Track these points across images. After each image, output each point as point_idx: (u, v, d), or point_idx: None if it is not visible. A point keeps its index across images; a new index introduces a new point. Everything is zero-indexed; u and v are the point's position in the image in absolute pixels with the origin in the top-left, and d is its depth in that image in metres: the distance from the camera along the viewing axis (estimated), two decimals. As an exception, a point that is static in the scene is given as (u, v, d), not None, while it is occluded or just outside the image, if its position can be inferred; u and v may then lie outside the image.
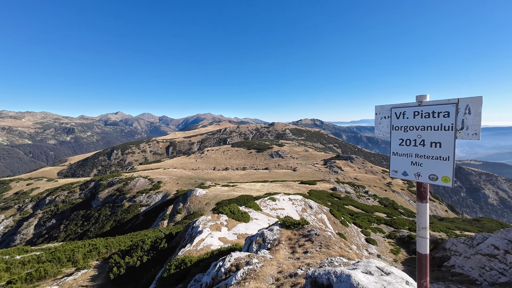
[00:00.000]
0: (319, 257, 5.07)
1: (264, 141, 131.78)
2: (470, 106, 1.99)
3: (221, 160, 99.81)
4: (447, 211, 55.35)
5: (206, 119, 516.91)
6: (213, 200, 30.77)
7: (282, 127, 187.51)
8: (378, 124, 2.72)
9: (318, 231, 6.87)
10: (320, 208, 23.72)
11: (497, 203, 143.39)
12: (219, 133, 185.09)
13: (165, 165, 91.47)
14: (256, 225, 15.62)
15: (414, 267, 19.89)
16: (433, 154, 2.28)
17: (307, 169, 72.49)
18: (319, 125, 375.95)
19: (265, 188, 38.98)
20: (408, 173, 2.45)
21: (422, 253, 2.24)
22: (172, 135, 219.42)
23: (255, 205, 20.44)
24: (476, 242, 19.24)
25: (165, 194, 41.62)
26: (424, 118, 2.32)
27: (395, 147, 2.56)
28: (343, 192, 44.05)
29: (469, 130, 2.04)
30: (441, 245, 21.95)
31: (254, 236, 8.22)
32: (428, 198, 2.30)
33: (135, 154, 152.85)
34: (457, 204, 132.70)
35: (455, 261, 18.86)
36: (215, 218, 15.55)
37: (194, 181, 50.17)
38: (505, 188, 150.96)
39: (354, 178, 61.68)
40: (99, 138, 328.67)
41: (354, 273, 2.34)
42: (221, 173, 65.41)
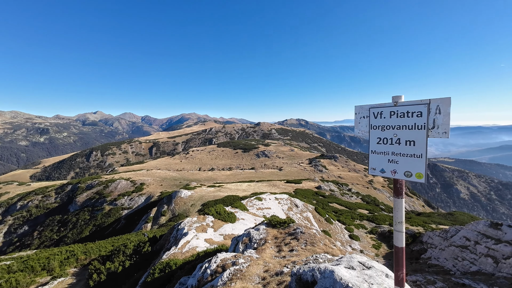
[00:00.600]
0: (305, 254, 5.15)
1: (250, 141, 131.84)
2: (440, 106, 2.13)
3: (206, 161, 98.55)
4: (424, 206, 58.41)
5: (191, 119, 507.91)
6: (199, 201, 30.31)
7: (268, 127, 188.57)
8: (357, 123, 2.83)
9: (303, 229, 6.98)
10: (305, 206, 24.12)
11: (468, 197, 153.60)
12: (205, 133, 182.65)
13: (149, 166, 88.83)
14: (243, 225, 15.59)
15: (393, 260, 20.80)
16: (407, 152, 2.40)
17: (292, 168, 73.44)
18: (304, 125, 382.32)
19: (252, 188, 39.01)
20: (386, 170, 2.57)
21: (398, 246, 2.35)
22: (156, 135, 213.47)
23: (241, 205, 20.39)
24: (450, 234, 20.47)
25: (148, 196, 40.39)
26: (400, 118, 2.44)
27: (374, 146, 2.67)
28: (328, 190, 45.11)
29: (439, 129, 2.18)
30: (419, 238, 23.12)
31: (241, 236, 8.20)
32: (404, 194, 2.42)
33: (116, 156, 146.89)
34: (433, 199, 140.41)
35: (431, 253, 19.96)
36: (200, 219, 15.33)
37: (179, 182, 49.13)
38: (475, 184, 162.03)
39: (338, 177, 63.36)
40: (76, 139, 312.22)
41: (337, 268, 2.41)
42: (207, 174, 64.60)
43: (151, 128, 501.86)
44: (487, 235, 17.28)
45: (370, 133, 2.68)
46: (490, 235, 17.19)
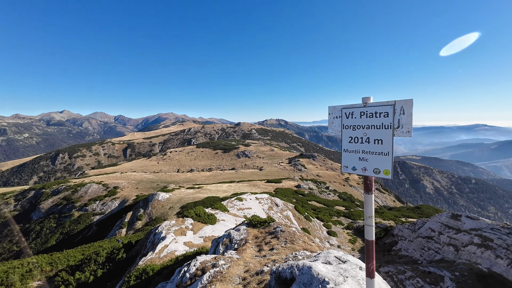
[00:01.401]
0: (285, 252, 5.23)
1: (230, 141, 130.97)
2: (403, 107, 2.30)
3: (185, 162, 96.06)
4: (394, 201, 62.35)
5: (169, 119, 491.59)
6: (178, 203, 29.43)
7: (248, 127, 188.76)
8: (331, 123, 2.95)
9: (283, 227, 7.09)
10: (285, 205, 24.52)
11: (433, 192, 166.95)
12: (183, 134, 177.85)
13: (123, 169, 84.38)
14: (223, 226, 15.44)
15: (369, 253, 21.94)
16: (376, 150, 2.55)
17: (273, 168, 74.28)
18: (283, 125, 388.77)
19: (232, 189, 38.78)
20: (357, 168, 2.71)
21: (369, 239, 2.49)
22: (131, 136, 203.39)
23: (222, 206, 20.18)
24: (417, 227, 22.06)
25: (123, 200, 38.35)
26: (369, 118, 2.58)
27: (346, 145, 2.80)
28: (307, 188, 46.30)
29: (403, 129, 2.35)
30: (390, 231, 24.61)
31: (221, 238, 8.11)
32: (373, 190, 2.56)
33: (86, 158, 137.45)
34: (402, 194, 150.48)
35: (401, 245, 21.35)
36: (179, 222, 14.90)
37: (156, 185, 47.31)
38: (438, 179, 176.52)
39: (316, 175, 65.29)
40: (40, 140, 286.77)
41: (315, 264, 2.48)
42: (185, 175, 62.95)
43: (125, 129, 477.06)
44: (449, 226, 18.89)
45: (343, 133, 2.81)
46: (451, 225, 18.80)
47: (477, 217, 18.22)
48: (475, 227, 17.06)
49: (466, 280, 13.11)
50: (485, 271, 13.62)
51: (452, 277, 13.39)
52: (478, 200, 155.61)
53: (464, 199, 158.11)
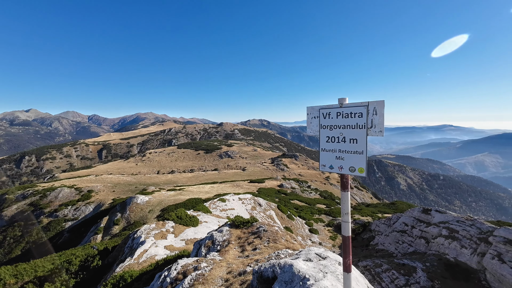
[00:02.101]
0: (268, 252, 5.26)
1: (212, 141, 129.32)
2: (376, 108, 2.42)
3: (166, 163, 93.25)
4: (372, 198, 65.36)
5: (148, 119, 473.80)
6: (158, 206, 28.47)
7: (230, 127, 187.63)
8: (309, 123, 3.03)
9: (266, 227, 7.12)
10: (268, 205, 24.70)
11: (406, 188, 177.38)
12: (163, 134, 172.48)
13: (98, 171, 79.95)
14: (206, 228, 15.20)
15: (348, 249, 22.77)
16: (351, 149, 2.66)
17: (256, 168, 74.50)
18: (266, 125, 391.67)
19: (215, 190, 38.31)
20: (334, 166, 2.80)
21: (345, 235, 2.59)
22: (106, 137, 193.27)
23: (204, 207, 19.86)
24: (392, 222, 23.27)
25: (98, 204, 36.31)
26: (344, 118, 2.69)
27: (323, 144, 2.88)
28: (289, 188, 47.01)
29: (376, 128, 2.47)
30: (368, 227, 25.73)
31: (203, 240, 7.97)
32: (349, 187, 2.67)
33: (56, 160, 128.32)
34: (379, 191, 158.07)
35: (378, 239, 22.41)
36: (160, 225, 14.43)
37: (135, 188, 45.40)
38: (411, 176, 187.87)
39: (298, 174, 66.53)
40: (2, 141, 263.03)
41: (296, 262, 2.53)
42: (166, 177, 61.11)
43: (100, 129, 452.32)
44: (420, 220, 20.15)
45: (320, 132, 2.89)
46: (422, 219, 20.07)
47: (445, 211, 19.61)
48: (443, 220, 18.34)
49: (435, 270, 14.06)
50: (452, 261, 14.71)
51: (423, 267, 14.29)
52: (445, 195, 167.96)
53: (434, 194, 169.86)
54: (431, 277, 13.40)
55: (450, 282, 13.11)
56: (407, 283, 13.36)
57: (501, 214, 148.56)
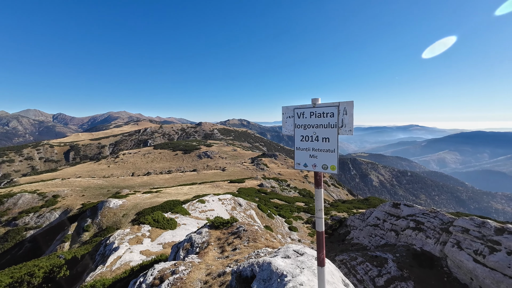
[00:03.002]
0: (247, 251, 5.26)
1: (191, 141, 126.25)
2: (346, 108, 2.55)
3: (141, 164, 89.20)
4: (347, 195, 68.35)
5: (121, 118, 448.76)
6: (133, 210, 27.12)
7: (210, 127, 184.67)
8: (285, 123, 3.10)
9: (246, 227, 7.12)
10: (248, 204, 24.73)
11: (378, 184, 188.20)
12: (138, 134, 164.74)
13: (65, 175, 74.16)
14: (185, 231, 14.82)
15: (326, 245, 23.58)
16: (324, 148, 2.77)
17: (235, 168, 74.16)
18: (246, 125, 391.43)
19: (194, 191, 37.46)
20: (308, 164, 2.89)
21: (319, 231, 2.68)
22: (74, 137, 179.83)
23: (182, 209, 19.34)
24: (366, 216, 24.54)
25: (65, 210, 33.65)
26: (317, 118, 2.79)
27: (298, 143, 2.97)
28: (269, 187, 47.49)
29: (346, 128, 2.59)
30: (344, 222, 26.87)
31: (182, 243, 7.76)
32: (322, 185, 2.78)
33: (15, 163, 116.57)
34: (354, 188, 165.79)
35: (353, 234, 23.50)
36: (135, 230, 13.78)
37: (107, 191, 42.83)
38: (382, 173, 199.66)
39: (278, 174, 67.47)
40: None
41: (274, 260, 2.56)
42: (141, 179, 58.48)
43: (67, 129, 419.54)
44: (391, 214, 21.50)
45: (295, 132, 2.97)
46: (393, 213, 21.42)
47: (412, 204, 21.13)
48: (410, 213, 19.75)
49: (404, 259, 15.08)
50: (418, 250, 15.89)
51: (393, 258, 15.26)
52: (413, 190, 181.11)
53: (403, 189, 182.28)
54: (400, 267, 14.36)
55: (417, 270, 14.15)
56: (379, 274, 14.17)
57: (460, 206, 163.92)
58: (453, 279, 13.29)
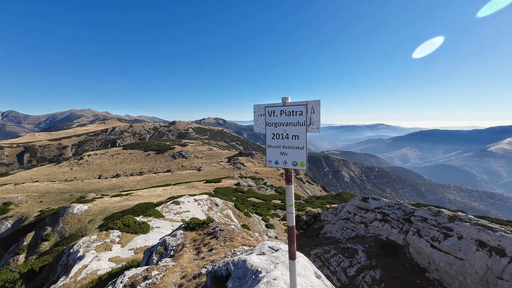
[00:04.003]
0: (224, 251, 5.21)
1: (164, 141, 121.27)
2: (313, 106, 2.65)
3: (109, 166, 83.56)
4: (321, 191, 71.20)
5: (85, 116, 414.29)
6: (100, 215, 25.28)
7: (184, 126, 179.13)
8: (256, 121, 3.13)
9: (222, 226, 7.05)
10: (225, 204, 24.52)
11: (349, 180, 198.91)
12: (106, 134, 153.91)
13: (18, 179, 66.65)
14: (158, 234, 14.24)
15: (302, 240, 24.34)
16: (293, 145, 2.87)
17: (212, 167, 73.01)
18: (222, 124, 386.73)
19: (168, 192, 36.11)
20: (279, 161, 2.97)
21: (290, 225, 2.77)
22: (30, 137, 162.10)
23: (156, 212, 18.55)
24: (338, 211, 25.79)
25: (19, 219, 30.21)
26: (287, 116, 2.88)
27: (269, 141, 3.03)
28: (246, 186, 47.56)
29: (314, 126, 2.70)
30: (318, 218, 27.94)
31: (155, 247, 7.44)
32: (292, 181, 2.88)
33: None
34: (327, 184, 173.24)
35: (327, 228, 24.55)
36: (103, 236, 12.90)
37: (70, 196, 39.43)
38: (353, 169, 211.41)
39: (255, 172, 67.88)
40: None
41: (249, 257, 2.58)
42: (110, 182, 54.81)
43: (20, 128, 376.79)
44: (361, 207, 22.86)
45: (266, 130, 3.02)
46: (362, 206, 22.80)
47: (379, 198, 22.69)
48: (378, 206, 21.19)
49: (372, 249, 16.15)
50: (384, 240, 17.12)
51: (363, 249, 16.25)
52: (380, 184, 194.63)
53: (371, 184, 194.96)
54: (369, 256, 15.35)
55: (384, 259, 15.25)
56: (350, 264, 15.00)
57: (419, 198, 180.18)
58: (414, 264, 14.57)
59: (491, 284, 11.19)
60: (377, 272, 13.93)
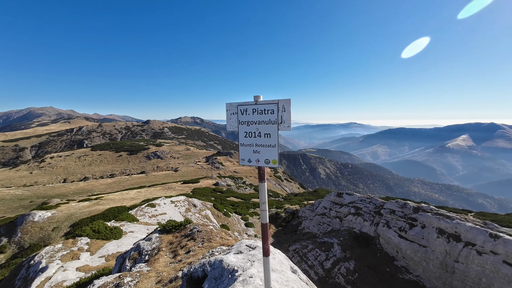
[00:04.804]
0: (202, 252, 5.11)
1: (138, 141, 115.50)
2: (284, 105, 2.71)
3: (76, 169, 77.59)
4: (299, 188, 73.05)
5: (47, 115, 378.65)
6: (66, 222, 23.36)
7: (159, 125, 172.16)
8: (229, 119, 3.12)
9: (200, 227, 6.91)
10: (204, 204, 24.09)
11: (325, 177, 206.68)
12: (71, 134, 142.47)
13: (-34, 186, 59.10)
14: (132, 239, 13.57)
15: (281, 237, 24.79)
16: (266, 143, 2.91)
17: (189, 168, 71.20)
18: (199, 123, 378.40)
19: (142, 195, 34.49)
20: (252, 160, 2.98)
21: (263, 223, 2.81)
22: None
23: (129, 216, 17.64)
24: (315, 207, 26.67)
25: (-32, 230, 26.76)
26: (259, 114, 2.90)
27: (242, 139, 3.02)
28: (225, 185, 47.15)
29: (285, 124, 2.76)
30: (296, 214, 28.64)
31: (128, 252, 7.07)
32: (265, 179, 2.92)
33: None
34: (304, 181, 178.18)
35: (304, 224, 25.27)
36: (69, 244, 11.98)
37: (30, 202, 35.94)
38: (328, 166, 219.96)
39: (234, 172, 67.53)
40: None
41: (226, 257, 2.56)
42: (77, 186, 50.92)
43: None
44: (336, 202, 23.88)
45: (239, 128, 3.02)
46: (337, 202, 23.82)
47: (353, 193, 23.88)
48: (351, 201, 22.29)
49: (347, 242, 16.95)
50: (358, 233, 18.06)
51: (338, 242, 16.99)
52: (353, 180, 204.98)
53: (345, 180, 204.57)
54: (344, 249, 16.09)
55: (357, 250, 16.08)
56: (327, 258, 15.60)
57: (388, 191, 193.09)
58: (384, 254, 15.58)
59: (449, 267, 12.36)
60: (351, 263, 14.66)
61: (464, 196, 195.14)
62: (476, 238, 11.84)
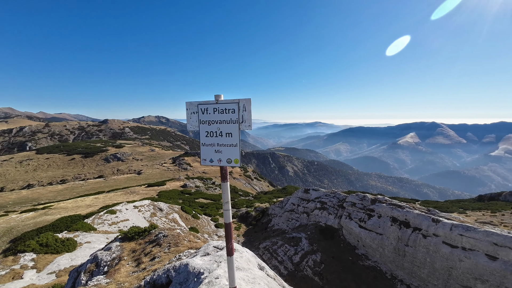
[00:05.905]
0: (168, 257, 4.87)
1: (94, 142, 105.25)
2: (245, 105, 2.74)
3: (16, 175, 67.68)
4: (268, 186, 74.39)
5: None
6: (4, 237, 20.18)
7: (119, 125, 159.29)
8: (189, 119, 3.03)
9: (166, 232, 6.58)
10: (171, 208, 23.05)
11: (293, 174, 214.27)
12: (10, 135, 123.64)
13: None
14: (89, 250, 12.35)
15: (251, 236, 24.95)
16: (227, 143, 2.90)
17: (154, 170, 67.34)
18: (164, 122, 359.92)
19: (101, 201, 31.57)
20: (213, 160, 2.95)
21: (227, 222, 2.80)
22: None
23: (85, 225, 16.02)
24: (284, 204, 27.43)
25: None
26: (220, 114, 2.88)
27: (203, 139, 2.98)
28: (193, 187, 45.73)
29: (246, 123, 2.79)
30: (266, 212, 29.11)
31: (83, 265, 6.40)
32: (228, 178, 2.92)
33: None
34: (274, 179, 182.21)
35: (274, 221, 25.82)
36: (8, 263, 10.44)
37: (-45, 217, 30.19)
38: (296, 164, 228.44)
39: (202, 172, 65.83)
40: None
41: (192, 260, 2.48)
42: (18, 195, 44.45)
43: None
44: (303, 198, 24.89)
45: (200, 128, 2.96)
46: (304, 198, 24.85)
47: (318, 188, 25.14)
48: (317, 196, 23.45)
49: (314, 235, 17.78)
50: (323, 226, 19.08)
51: (306, 236, 17.73)
52: (319, 176, 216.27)
53: (311, 176, 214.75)
54: (311, 242, 16.86)
55: (323, 243, 16.98)
56: (295, 252, 16.16)
57: (350, 186, 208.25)
58: (346, 244, 16.74)
59: (401, 251, 13.81)
60: (318, 255, 15.43)
61: (413, 187, 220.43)
62: (422, 223, 13.44)
